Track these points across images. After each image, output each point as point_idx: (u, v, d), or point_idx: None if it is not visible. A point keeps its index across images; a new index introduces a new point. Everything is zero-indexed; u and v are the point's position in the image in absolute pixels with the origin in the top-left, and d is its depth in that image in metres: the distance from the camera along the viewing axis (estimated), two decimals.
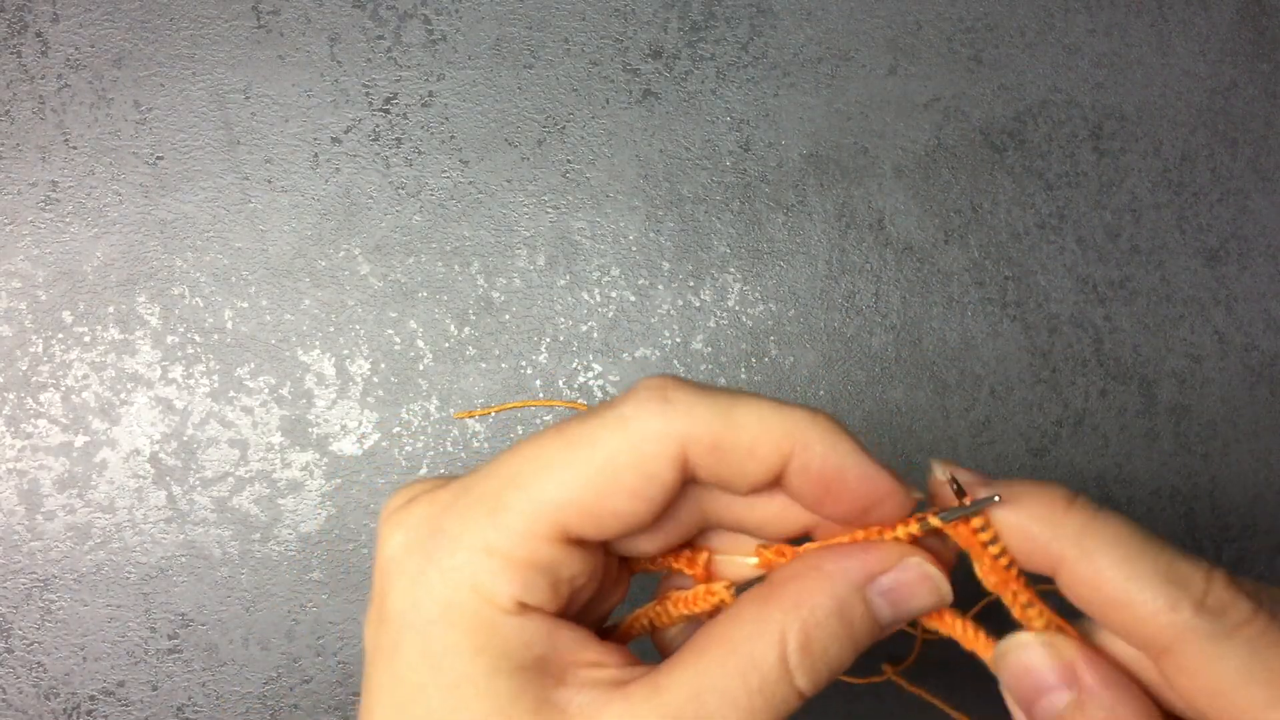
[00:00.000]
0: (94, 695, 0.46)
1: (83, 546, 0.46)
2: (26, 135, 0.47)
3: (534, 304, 0.48)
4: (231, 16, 0.48)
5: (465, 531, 0.20)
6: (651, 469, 0.20)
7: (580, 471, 0.20)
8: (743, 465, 0.20)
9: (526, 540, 0.20)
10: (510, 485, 0.20)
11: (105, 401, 0.46)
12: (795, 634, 0.20)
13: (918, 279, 0.49)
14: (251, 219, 0.47)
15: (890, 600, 0.21)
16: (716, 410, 0.20)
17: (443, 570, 0.20)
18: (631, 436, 0.20)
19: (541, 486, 0.20)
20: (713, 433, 0.20)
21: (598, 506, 0.20)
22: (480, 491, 0.20)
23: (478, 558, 0.19)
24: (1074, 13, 0.51)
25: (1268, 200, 0.51)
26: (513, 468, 0.20)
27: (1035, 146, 0.50)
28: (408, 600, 0.20)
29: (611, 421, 0.20)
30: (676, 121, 0.49)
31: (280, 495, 0.47)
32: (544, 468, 0.20)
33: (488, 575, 0.19)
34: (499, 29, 0.48)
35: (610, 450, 0.20)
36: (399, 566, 0.20)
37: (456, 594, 0.19)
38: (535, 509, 0.20)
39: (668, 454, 0.20)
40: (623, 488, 0.20)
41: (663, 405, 0.20)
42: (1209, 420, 0.51)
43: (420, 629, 0.20)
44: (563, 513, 0.20)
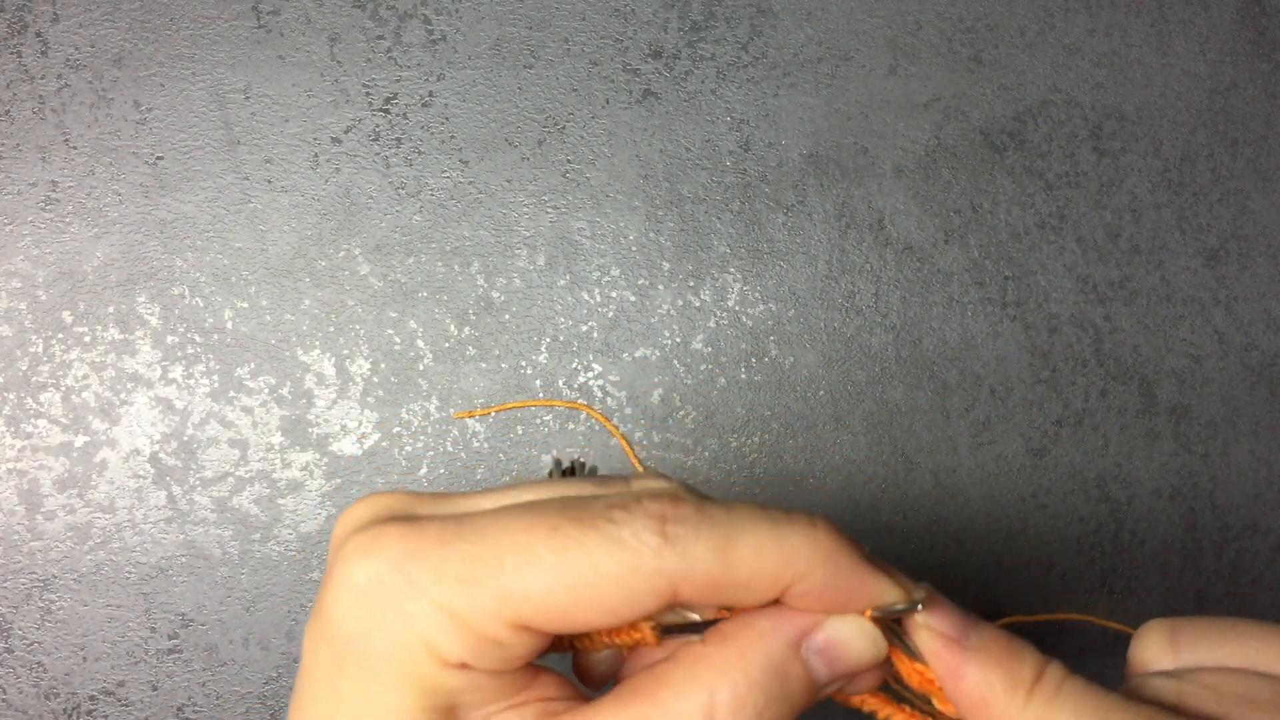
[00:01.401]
0: (94, 695, 0.46)
1: (83, 546, 0.46)
2: (26, 135, 0.47)
3: (534, 304, 0.48)
4: (231, 16, 0.48)
5: (433, 588, 0.20)
6: (636, 598, 0.20)
7: (564, 581, 0.20)
8: (737, 599, 0.21)
9: (489, 620, 0.20)
10: (491, 565, 0.20)
11: (105, 401, 0.46)
12: (726, 693, 0.20)
13: (918, 279, 0.49)
14: (251, 219, 0.47)
15: (826, 658, 0.21)
16: (714, 548, 0.20)
17: (400, 614, 0.20)
18: (623, 563, 0.20)
19: (519, 578, 0.20)
20: (708, 576, 0.20)
21: (569, 614, 0.20)
22: (459, 553, 0.20)
23: (438, 616, 0.20)
24: (1074, 13, 0.51)
25: (1268, 200, 0.51)
26: (500, 545, 0.20)
27: (1035, 146, 0.50)
28: (360, 629, 0.20)
29: (608, 540, 0.20)
30: (676, 121, 0.49)
31: (280, 495, 0.47)
32: (528, 561, 0.20)
33: (441, 634, 0.20)
34: (499, 29, 0.48)
35: (599, 572, 0.20)
36: (360, 595, 0.20)
37: (408, 639, 0.20)
38: (507, 598, 0.20)
39: (656, 589, 0.20)
40: (602, 609, 0.20)
41: (660, 540, 0.20)
42: (1209, 420, 0.51)
43: (366, 659, 0.20)
44: (533, 609, 0.20)
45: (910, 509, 0.49)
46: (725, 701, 0.20)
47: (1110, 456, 0.50)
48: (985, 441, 0.49)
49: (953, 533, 0.49)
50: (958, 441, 0.49)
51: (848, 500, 0.49)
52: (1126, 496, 0.50)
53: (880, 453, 0.49)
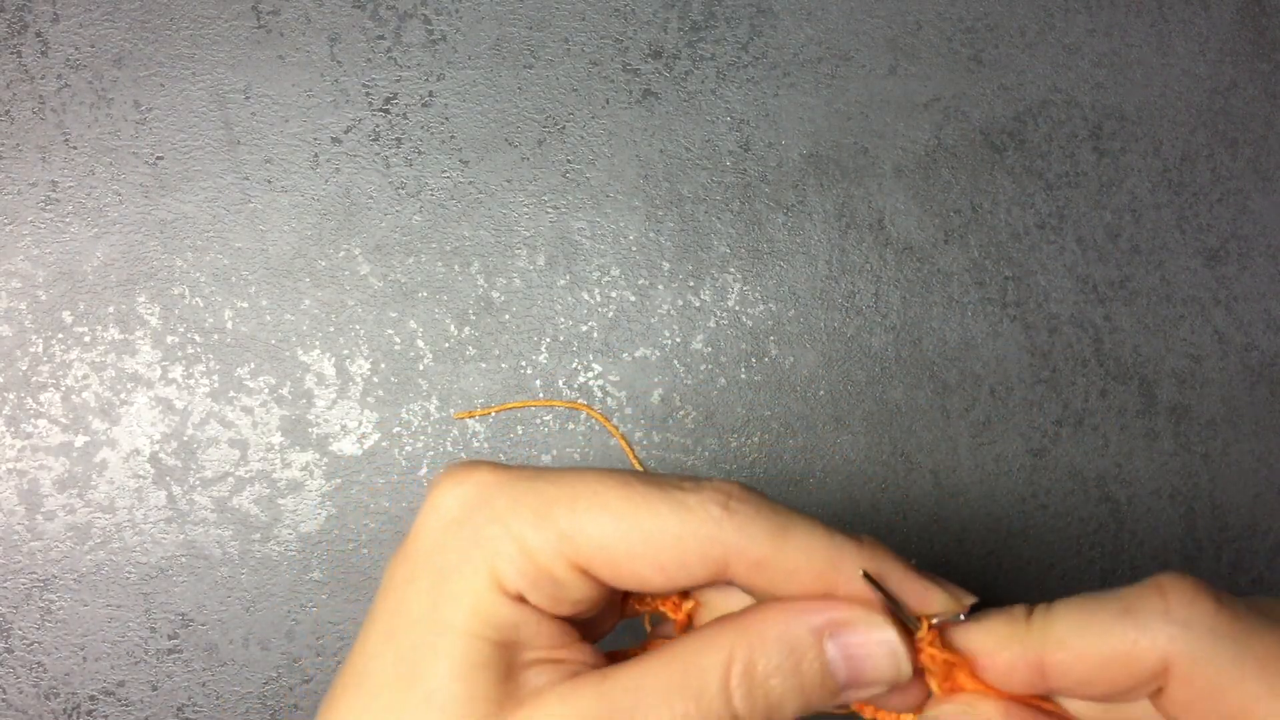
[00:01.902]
0: (94, 695, 0.46)
1: (83, 546, 0.46)
2: (26, 135, 0.47)
3: (534, 304, 0.48)
4: (231, 16, 0.48)
5: (509, 513, 0.21)
6: (689, 561, 0.21)
7: (627, 529, 0.21)
8: (781, 586, 0.21)
9: (552, 554, 0.21)
10: (564, 501, 0.21)
11: (105, 401, 0.46)
12: (741, 657, 0.21)
13: (918, 279, 0.49)
14: (251, 219, 0.47)
15: (846, 655, 0.21)
16: (769, 531, 0.21)
17: (476, 532, 0.21)
18: (685, 525, 0.21)
19: (589, 520, 0.21)
20: (759, 553, 0.21)
21: (626, 564, 0.21)
22: (538, 489, 0.21)
23: (507, 540, 0.21)
24: (1074, 13, 0.51)
25: (1268, 200, 0.51)
26: (576, 489, 0.21)
27: (1035, 146, 0.50)
28: (435, 543, 0.21)
29: (673, 501, 0.21)
30: (676, 121, 0.49)
31: (280, 495, 0.47)
32: (598, 505, 0.21)
33: (506, 560, 0.21)
34: (499, 29, 0.48)
35: (661, 526, 0.21)
36: (443, 515, 0.21)
37: (476, 559, 0.21)
38: (574, 538, 0.21)
39: (709, 555, 0.21)
40: (655, 562, 0.21)
41: (722, 511, 0.21)
42: (1209, 420, 0.51)
43: (437, 571, 0.21)
44: (594, 552, 0.21)
45: (910, 509, 0.49)
46: (740, 664, 0.21)
47: (1110, 456, 0.50)
48: (985, 441, 0.49)
49: (953, 533, 0.49)
50: (958, 441, 0.49)
51: (848, 500, 0.49)
52: (1126, 496, 0.50)
53: (880, 453, 0.49)
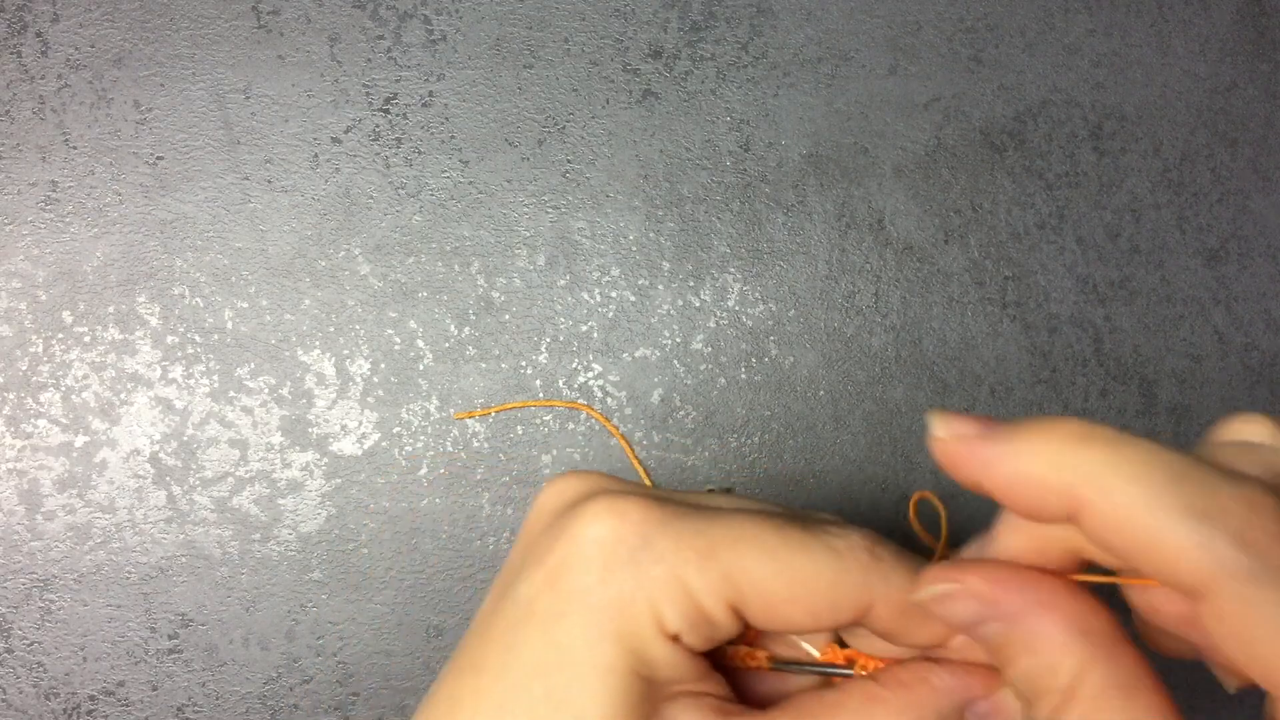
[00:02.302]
0: (94, 695, 0.46)
1: (83, 546, 0.46)
2: (26, 135, 0.47)
3: (534, 304, 0.48)
4: (231, 16, 0.48)
5: (673, 556, 0.21)
6: (840, 606, 0.21)
7: (785, 571, 0.21)
8: (917, 633, 0.22)
9: (715, 597, 0.21)
10: (728, 545, 0.21)
11: (105, 401, 0.46)
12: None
13: (918, 279, 0.49)
14: (251, 219, 0.47)
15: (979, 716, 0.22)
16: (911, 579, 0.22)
17: (639, 573, 0.21)
18: (839, 569, 0.21)
19: (750, 562, 0.21)
20: (904, 601, 0.22)
21: (781, 607, 0.21)
22: (698, 529, 0.22)
23: (671, 583, 0.21)
24: (1074, 13, 0.51)
25: (1268, 200, 0.51)
26: (737, 529, 0.22)
27: (1035, 146, 0.50)
28: (593, 582, 0.21)
29: (828, 549, 0.22)
30: (676, 121, 0.49)
31: (280, 495, 0.47)
32: (759, 548, 0.21)
33: (668, 602, 0.21)
34: (499, 29, 0.48)
35: (817, 570, 0.21)
36: (600, 550, 0.21)
37: (638, 599, 0.21)
38: (736, 580, 0.21)
39: (860, 602, 0.22)
40: (809, 606, 0.21)
41: (871, 561, 0.22)
42: (1209, 420, 0.51)
43: (597, 611, 0.21)
44: (753, 593, 0.21)
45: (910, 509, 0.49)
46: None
47: None
48: None
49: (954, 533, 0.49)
50: None
51: (848, 500, 0.49)
52: None
53: (880, 453, 0.49)
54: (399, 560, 0.47)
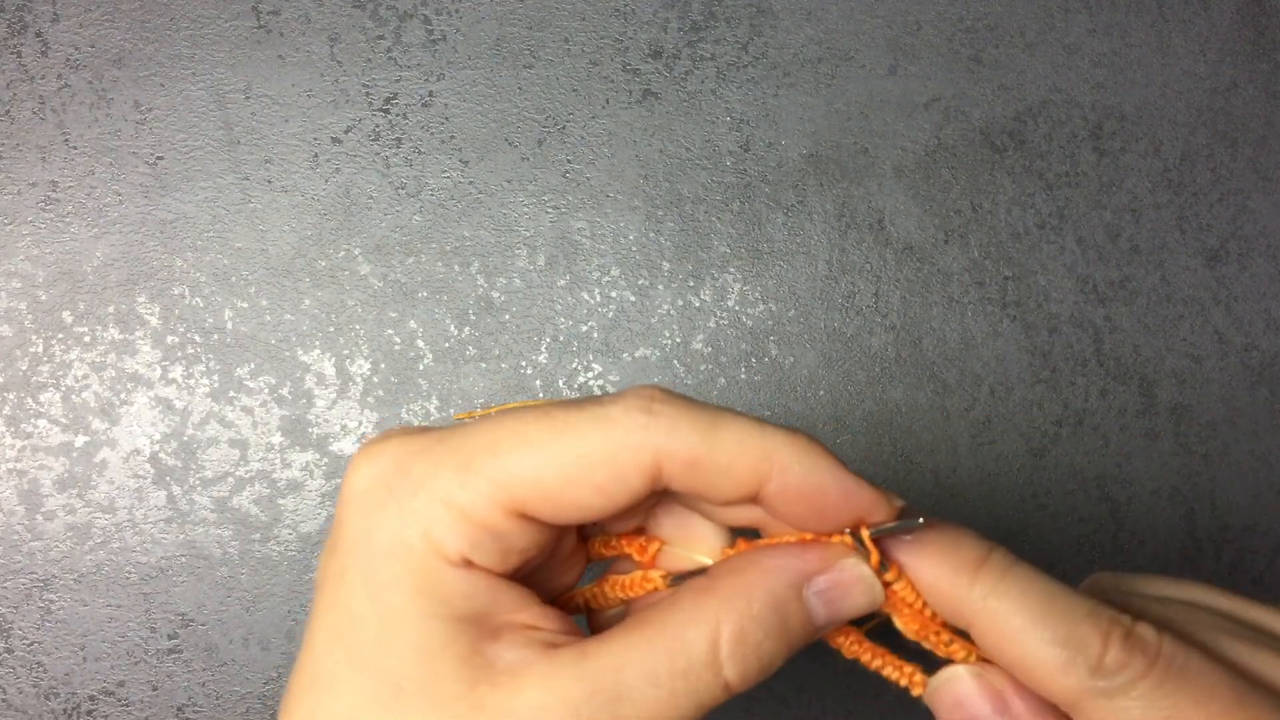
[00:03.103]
0: (94, 695, 0.46)
1: (83, 546, 0.46)
2: (26, 135, 0.47)
3: (534, 304, 0.48)
4: (231, 16, 0.48)
5: (430, 478, 0.20)
6: (623, 473, 0.20)
7: (554, 457, 0.20)
8: (718, 484, 0.21)
9: (486, 505, 0.20)
10: (485, 449, 0.20)
11: (105, 401, 0.46)
12: (730, 624, 0.20)
13: (918, 279, 0.49)
14: (251, 219, 0.47)
15: (825, 600, 0.22)
16: (698, 428, 0.20)
17: (400, 508, 0.20)
18: (611, 438, 0.20)
19: (514, 460, 0.20)
20: (692, 451, 0.20)
21: (562, 494, 0.20)
22: (455, 445, 0.20)
23: (436, 506, 0.20)
24: (1074, 13, 0.51)
25: (1268, 200, 0.51)
26: (492, 434, 0.20)
27: (1035, 146, 0.50)
28: (361, 530, 0.20)
29: (595, 418, 0.20)
30: (676, 121, 0.49)
31: (280, 495, 0.47)
32: (521, 443, 0.20)
33: (442, 525, 0.20)
34: (499, 29, 0.48)
35: (588, 445, 0.20)
36: (360, 498, 0.20)
37: (408, 533, 0.20)
38: (502, 479, 0.20)
39: (642, 463, 0.20)
40: (591, 484, 0.20)
41: (647, 416, 0.20)
42: (1209, 420, 0.51)
43: (367, 559, 0.20)
44: (527, 490, 0.20)
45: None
46: (729, 632, 0.20)
47: (1110, 456, 0.50)
48: (985, 441, 0.49)
49: None
50: (958, 441, 0.49)
51: None
52: (1126, 496, 0.50)
53: (880, 453, 0.49)
54: None
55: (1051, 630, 0.21)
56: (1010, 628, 0.21)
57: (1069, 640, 0.20)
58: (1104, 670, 0.20)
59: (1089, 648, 0.20)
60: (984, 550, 0.22)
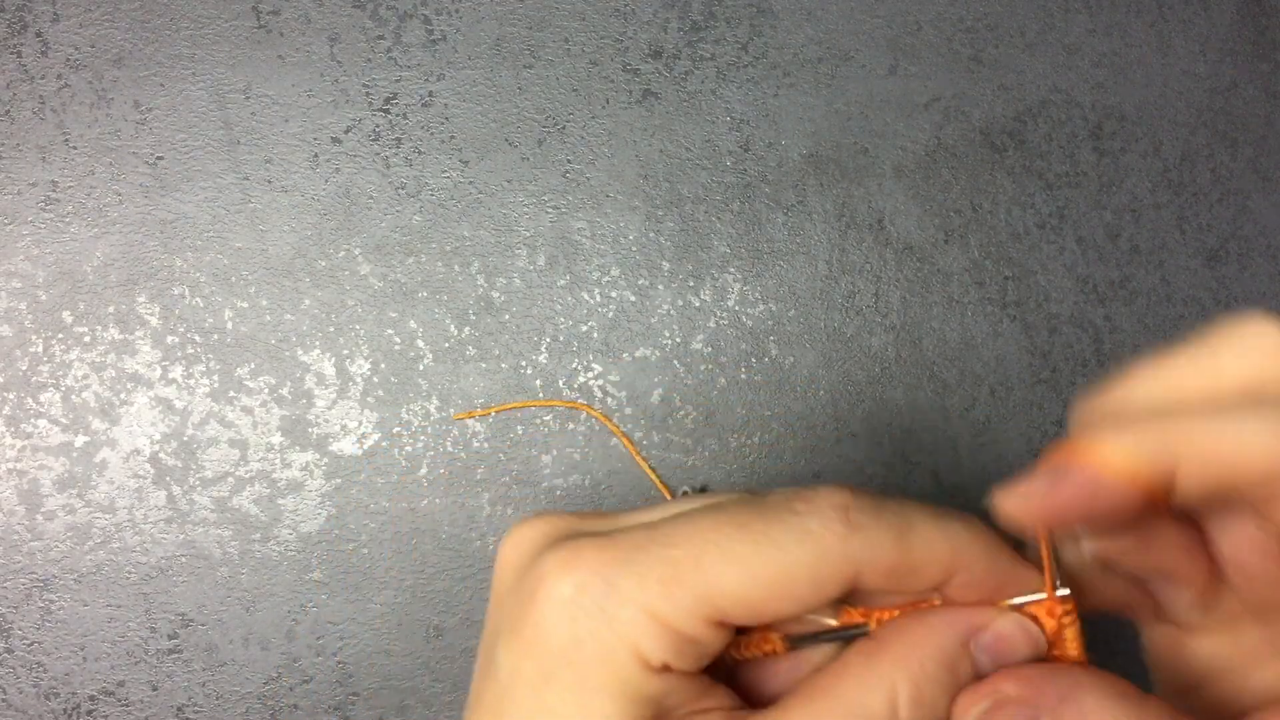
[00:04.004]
0: (94, 695, 0.46)
1: (83, 546, 0.46)
2: (26, 135, 0.47)
3: (534, 304, 0.48)
4: (231, 16, 0.48)
5: (638, 593, 0.21)
6: (824, 585, 0.21)
7: (758, 572, 0.21)
8: (909, 585, 0.22)
9: (691, 619, 0.21)
10: (690, 565, 0.21)
11: (105, 401, 0.46)
12: (906, 686, 0.21)
13: (918, 279, 0.49)
14: (251, 219, 0.47)
15: (992, 653, 0.22)
16: (894, 536, 0.21)
17: (610, 621, 0.21)
18: (813, 553, 0.21)
19: (719, 574, 0.21)
20: (890, 562, 0.21)
21: (764, 605, 0.21)
22: (656, 556, 0.21)
23: (644, 620, 0.21)
24: (1074, 13, 0.51)
25: (1268, 200, 0.51)
26: (694, 546, 0.21)
27: (1035, 146, 0.50)
28: (569, 640, 0.21)
29: (796, 531, 0.21)
30: (676, 121, 0.49)
31: (280, 495, 0.47)
32: (726, 557, 0.21)
33: (648, 638, 0.21)
34: (499, 29, 0.48)
35: (791, 560, 0.21)
36: (567, 606, 0.21)
37: (617, 645, 0.21)
38: (707, 595, 0.21)
39: (843, 575, 0.21)
40: (792, 595, 0.21)
41: (846, 529, 0.21)
42: None
43: (576, 669, 0.21)
44: (730, 603, 0.21)
45: None
46: (906, 693, 0.21)
47: None
48: (985, 441, 0.49)
49: None
50: (958, 441, 0.49)
51: None
52: None
53: (880, 453, 0.49)
54: (399, 560, 0.47)
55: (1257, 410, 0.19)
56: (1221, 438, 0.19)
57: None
58: None
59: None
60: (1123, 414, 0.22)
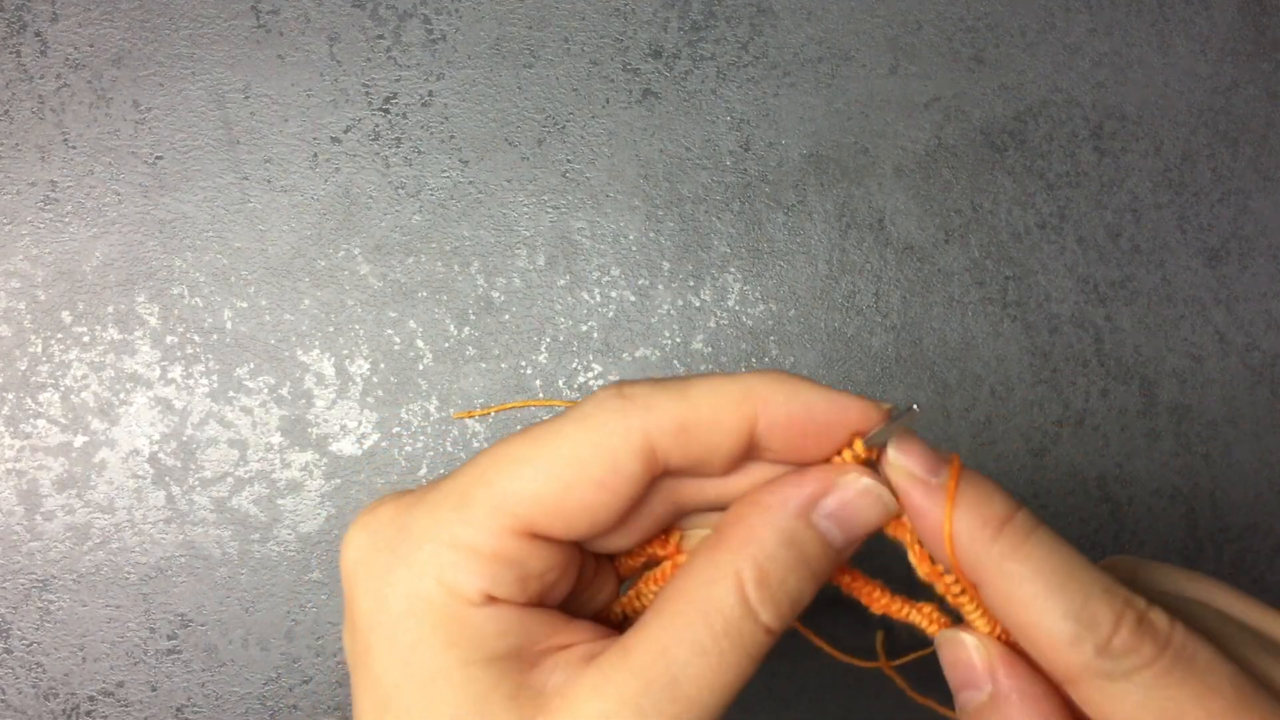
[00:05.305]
0: (93, 696, 0.46)
1: (82, 547, 0.46)
2: (26, 135, 0.47)
3: (534, 304, 0.48)
4: (231, 16, 0.48)
5: (431, 526, 0.20)
6: (616, 462, 0.20)
7: (546, 467, 0.20)
8: (712, 441, 0.21)
9: (493, 535, 0.20)
10: (477, 481, 0.20)
11: (104, 401, 0.46)
12: (749, 570, 0.20)
13: (918, 279, 0.49)
14: (251, 219, 0.47)
15: (837, 521, 0.21)
16: (673, 395, 0.20)
17: (409, 565, 0.20)
18: (594, 431, 0.20)
19: (508, 482, 0.20)
20: (675, 417, 0.20)
21: (564, 502, 0.20)
22: (447, 488, 0.20)
23: (444, 551, 0.19)
24: (1075, 12, 0.51)
25: (1269, 200, 0.51)
26: (480, 466, 0.20)
27: (1036, 146, 0.50)
28: (374, 599, 0.20)
29: (574, 419, 0.20)
30: (676, 121, 0.49)
31: (280, 495, 0.47)
32: (511, 464, 0.20)
33: (454, 569, 0.19)
34: (499, 29, 0.48)
35: (574, 446, 0.20)
36: (364, 567, 0.20)
37: (423, 587, 0.19)
38: (501, 503, 0.20)
39: (631, 446, 0.20)
40: (588, 482, 0.20)
41: (622, 400, 0.20)
42: (1210, 420, 0.51)
43: (388, 626, 0.19)
44: (529, 507, 0.20)
45: None
46: (751, 578, 0.20)
47: (1110, 456, 0.50)
48: (986, 441, 0.49)
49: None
50: (958, 441, 0.49)
51: None
52: (1127, 496, 0.50)
53: None
54: None
55: (1065, 603, 0.20)
56: (1023, 593, 0.20)
57: (1080, 615, 0.20)
58: (1110, 651, 0.19)
59: (1099, 626, 0.20)
60: (1009, 509, 0.21)
